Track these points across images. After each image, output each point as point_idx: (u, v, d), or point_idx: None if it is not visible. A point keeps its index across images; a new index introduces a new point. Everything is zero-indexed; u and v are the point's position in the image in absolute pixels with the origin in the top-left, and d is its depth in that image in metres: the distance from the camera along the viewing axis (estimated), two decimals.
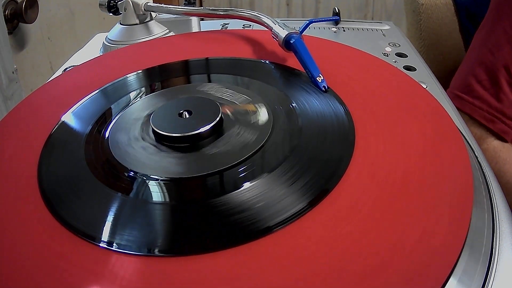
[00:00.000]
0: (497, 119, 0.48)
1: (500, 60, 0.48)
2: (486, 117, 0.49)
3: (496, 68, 0.48)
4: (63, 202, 0.22)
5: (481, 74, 0.49)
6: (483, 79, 0.49)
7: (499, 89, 0.48)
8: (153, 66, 0.34)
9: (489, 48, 0.49)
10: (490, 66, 0.49)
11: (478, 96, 0.49)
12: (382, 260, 0.17)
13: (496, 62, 0.48)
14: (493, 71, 0.48)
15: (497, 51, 0.48)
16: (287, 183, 0.21)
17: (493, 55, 0.49)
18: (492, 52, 0.49)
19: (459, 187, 0.21)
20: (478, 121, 0.49)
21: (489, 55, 0.49)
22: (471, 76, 0.50)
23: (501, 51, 0.48)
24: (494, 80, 0.49)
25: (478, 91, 0.49)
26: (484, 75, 0.49)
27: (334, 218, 0.19)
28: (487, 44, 0.50)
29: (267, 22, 0.34)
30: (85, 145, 0.26)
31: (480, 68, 0.50)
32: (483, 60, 0.50)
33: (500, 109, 0.48)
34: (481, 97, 0.49)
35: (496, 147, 0.48)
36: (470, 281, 0.18)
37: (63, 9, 0.82)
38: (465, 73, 0.52)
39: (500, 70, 0.48)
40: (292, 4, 1.48)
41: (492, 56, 0.49)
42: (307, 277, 0.17)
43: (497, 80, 0.48)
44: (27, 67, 0.72)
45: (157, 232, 0.20)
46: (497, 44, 0.49)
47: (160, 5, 0.42)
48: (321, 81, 0.28)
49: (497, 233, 0.21)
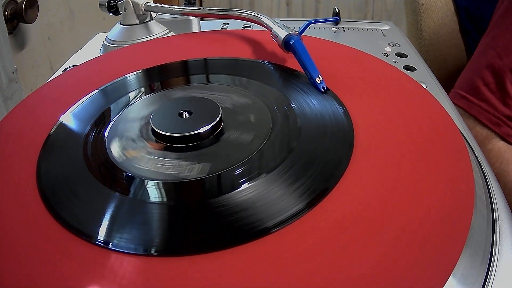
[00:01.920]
0: (502, 123, 0.49)
1: (508, 65, 0.48)
2: (492, 120, 0.49)
3: (504, 72, 0.48)
4: (62, 202, 0.22)
5: (488, 77, 0.50)
6: (490, 82, 0.49)
7: (505, 93, 0.49)
8: (152, 66, 0.34)
9: (497, 52, 0.50)
10: (497, 70, 0.49)
11: (485, 99, 0.50)
12: (381, 261, 0.17)
13: (504, 66, 0.49)
14: (500, 75, 0.49)
15: (505, 56, 0.49)
16: (286, 183, 0.21)
17: (501, 59, 0.49)
18: (500, 56, 0.49)
19: (459, 187, 0.21)
20: (483, 123, 0.50)
21: (497, 59, 0.49)
22: (478, 78, 0.50)
23: (509, 55, 0.48)
24: (501, 84, 0.49)
25: (485, 93, 0.50)
26: (491, 78, 0.49)
27: (333, 219, 0.19)
28: (496, 48, 0.50)
29: (267, 22, 0.34)
30: (84, 145, 0.26)
31: (487, 71, 0.50)
32: (490, 62, 0.50)
33: (506, 113, 0.48)
34: (488, 100, 0.49)
35: (501, 148, 0.48)
36: (470, 281, 0.18)
37: (63, 9, 0.82)
38: (471, 74, 0.52)
39: (507, 75, 0.48)
40: (292, 4, 1.48)
41: (500, 60, 0.49)
42: (306, 277, 0.17)
43: (504, 85, 0.49)
44: (27, 67, 0.72)
45: (156, 232, 0.20)
46: (506, 48, 0.49)
47: (160, 5, 0.42)
48: (320, 82, 0.28)
49: (497, 233, 0.21)
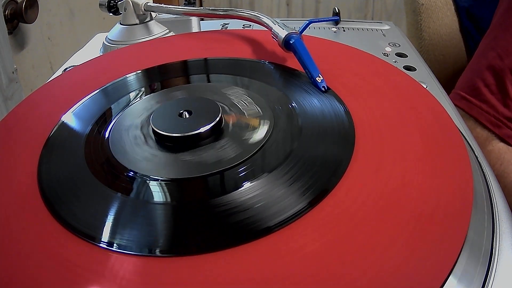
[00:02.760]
0: (503, 124, 0.49)
1: (508, 66, 0.48)
2: (492, 122, 0.49)
3: (504, 73, 0.49)
4: (63, 202, 0.22)
5: (488, 78, 0.50)
6: (490, 83, 0.49)
7: (506, 95, 0.49)
8: (152, 66, 0.34)
9: (497, 53, 0.50)
10: (498, 71, 0.49)
11: (485, 100, 0.50)
12: (381, 260, 0.17)
13: (504, 67, 0.49)
14: (501, 76, 0.49)
15: (506, 57, 0.49)
16: (287, 183, 0.21)
17: (501, 60, 0.49)
18: (501, 57, 0.49)
19: (459, 187, 0.21)
20: (484, 124, 0.50)
21: (497, 60, 0.49)
22: (479, 79, 0.50)
23: (510, 56, 0.48)
24: (501, 86, 0.49)
25: (486, 94, 0.50)
26: (492, 79, 0.49)
27: (334, 218, 0.19)
28: (496, 49, 0.50)
29: (267, 22, 0.34)
30: (85, 145, 0.26)
31: (488, 72, 0.50)
32: (491, 64, 0.50)
33: (506, 114, 0.49)
34: (488, 101, 0.49)
35: (501, 149, 0.48)
36: (470, 281, 0.18)
37: (63, 9, 0.82)
38: (472, 75, 0.52)
39: (508, 76, 0.48)
40: (292, 4, 1.48)
41: (500, 61, 0.49)
42: (307, 277, 0.17)
43: (505, 86, 0.49)
44: (27, 67, 0.72)
45: (157, 232, 0.20)
46: (506, 49, 0.49)
47: (160, 5, 0.42)
48: (321, 82, 0.28)
49: (497, 233, 0.21)
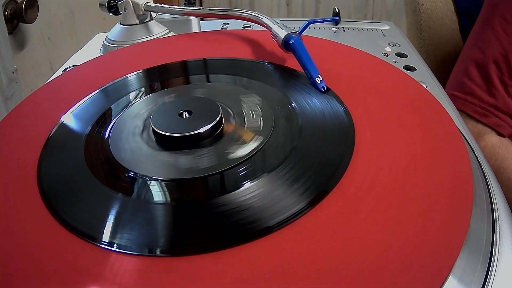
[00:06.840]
0: (490, 113, 0.49)
1: (490, 57, 0.49)
2: (479, 112, 0.49)
3: (487, 64, 0.49)
4: (63, 203, 0.22)
5: (473, 72, 0.50)
6: (474, 76, 0.50)
7: (490, 84, 0.49)
8: (152, 66, 0.34)
9: (479, 47, 0.50)
10: (481, 63, 0.50)
11: (470, 92, 0.50)
12: (381, 260, 0.17)
13: (486, 59, 0.49)
14: (484, 68, 0.49)
15: (486, 48, 0.49)
16: (287, 183, 0.21)
17: (483, 52, 0.50)
18: (482, 50, 0.50)
19: (459, 187, 0.21)
20: (474, 118, 0.50)
21: (479, 53, 0.50)
22: (464, 75, 0.51)
23: (490, 47, 0.49)
24: (485, 76, 0.49)
25: (470, 87, 0.50)
26: (476, 72, 0.50)
27: (334, 218, 0.19)
28: (478, 43, 0.51)
29: (267, 22, 0.34)
30: (85, 145, 0.26)
31: (472, 66, 0.50)
32: (474, 58, 0.51)
33: (492, 103, 0.49)
34: (473, 92, 0.50)
35: (494, 144, 0.48)
36: (470, 281, 0.18)
37: (63, 9, 0.82)
38: (458, 73, 0.53)
39: (491, 66, 0.49)
40: (292, 4, 1.48)
41: (482, 53, 0.50)
42: (307, 277, 0.17)
43: (489, 76, 0.49)
44: (27, 67, 0.72)
45: (157, 232, 0.20)
46: (486, 41, 0.50)
47: (160, 5, 0.42)
48: (320, 82, 0.28)
49: (497, 233, 0.21)
